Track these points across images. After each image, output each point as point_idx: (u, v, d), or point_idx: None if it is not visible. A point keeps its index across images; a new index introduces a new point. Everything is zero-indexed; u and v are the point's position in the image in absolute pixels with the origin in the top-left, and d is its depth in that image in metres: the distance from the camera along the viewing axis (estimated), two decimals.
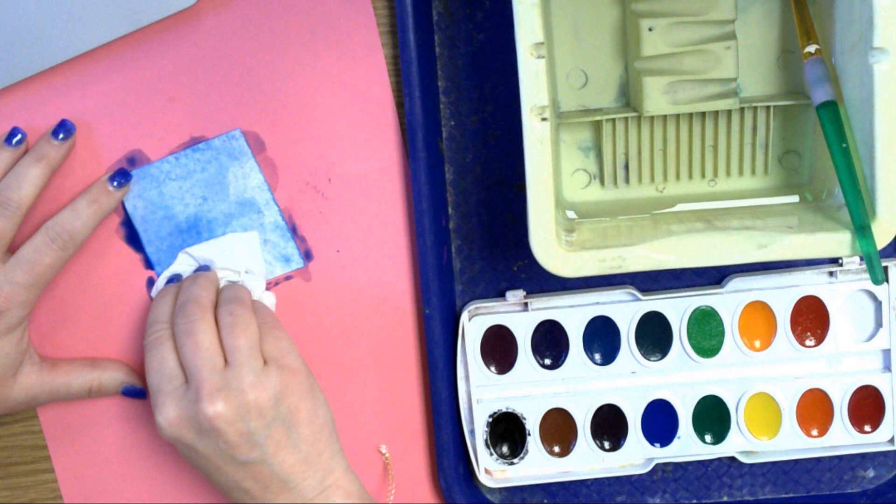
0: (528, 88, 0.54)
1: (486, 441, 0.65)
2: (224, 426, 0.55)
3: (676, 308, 0.65)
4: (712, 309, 0.65)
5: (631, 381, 0.66)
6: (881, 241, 0.55)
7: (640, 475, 0.67)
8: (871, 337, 0.65)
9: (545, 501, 0.67)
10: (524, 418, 0.65)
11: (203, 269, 0.62)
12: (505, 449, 0.66)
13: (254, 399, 0.56)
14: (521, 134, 0.54)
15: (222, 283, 0.62)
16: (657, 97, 0.60)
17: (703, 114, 0.62)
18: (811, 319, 0.65)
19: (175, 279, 0.63)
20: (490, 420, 0.65)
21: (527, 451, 0.66)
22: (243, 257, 0.63)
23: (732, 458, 0.67)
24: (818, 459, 0.67)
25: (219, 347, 0.57)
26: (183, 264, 0.63)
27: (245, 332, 0.57)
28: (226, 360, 0.57)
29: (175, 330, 0.58)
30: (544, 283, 0.65)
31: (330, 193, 0.63)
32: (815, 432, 0.66)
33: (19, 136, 0.60)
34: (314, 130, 0.63)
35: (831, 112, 0.56)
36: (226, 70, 0.62)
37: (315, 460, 0.58)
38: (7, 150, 0.60)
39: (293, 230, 0.63)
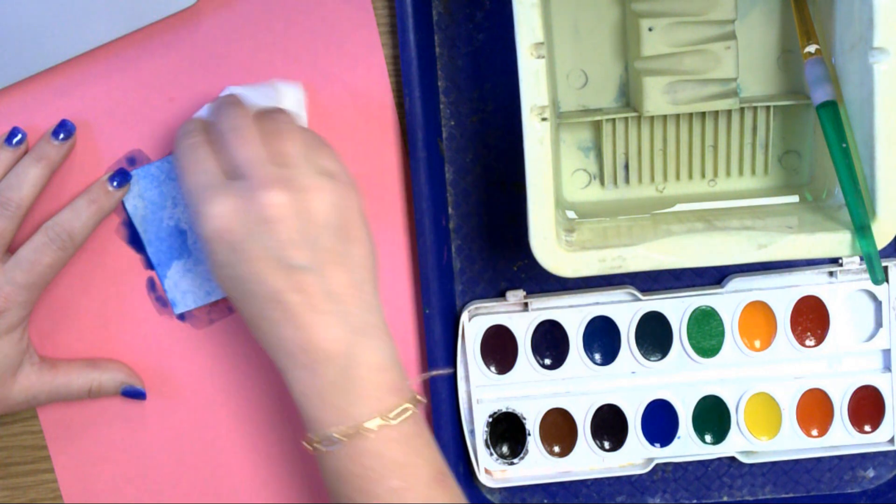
0: (528, 88, 0.54)
1: (486, 441, 0.66)
2: (281, 218, 0.50)
3: (676, 308, 0.65)
4: (712, 309, 0.65)
5: (631, 381, 0.66)
6: (881, 241, 0.55)
7: (640, 475, 0.67)
8: (871, 337, 0.65)
9: (545, 501, 0.67)
10: (524, 418, 0.65)
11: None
12: (505, 449, 0.66)
13: (311, 199, 0.51)
14: (521, 134, 0.54)
15: None
16: (657, 97, 0.60)
17: (703, 114, 0.62)
18: (811, 319, 0.65)
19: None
20: (490, 420, 0.65)
21: (527, 451, 0.66)
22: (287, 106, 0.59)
23: (732, 458, 0.67)
24: (818, 459, 0.67)
25: (265, 149, 0.52)
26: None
27: (294, 139, 0.53)
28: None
29: (217, 129, 0.53)
30: (544, 283, 0.65)
31: None
32: (815, 432, 0.66)
33: (19, 136, 0.60)
34: (314, 130, 0.63)
35: (831, 112, 0.56)
36: (226, 70, 0.62)
37: (365, 288, 0.53)
38: (7, 150, 0.60)
39: None
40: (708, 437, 0.66)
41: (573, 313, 0.65)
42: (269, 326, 0.52)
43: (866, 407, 0.66)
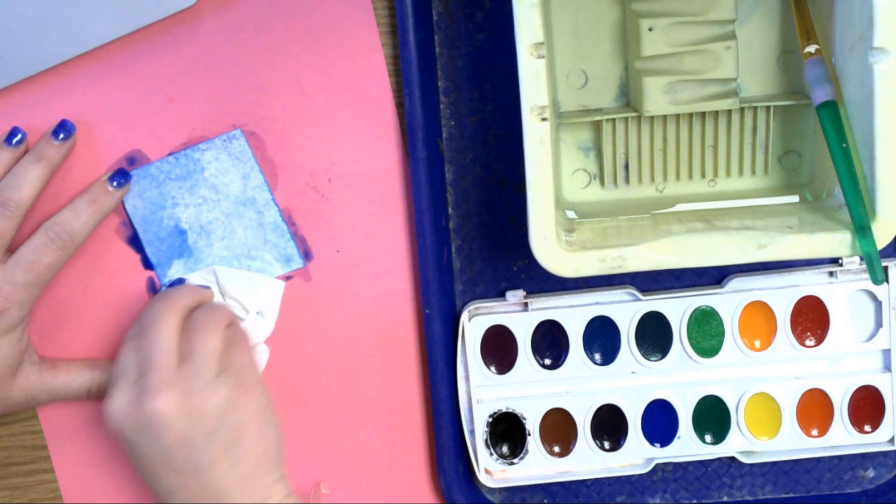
0: (528, 88, 0.54)
1: (486, 441, 0.65)
2: (163, 426, 0.54)
3: (676, 308, 0.65)
4: (712, 309, 0.65)
5: (631, 381, 0.66)
6: (881, 241, 0.55)
7: (640, 475, 0.67)
8: (871, 337, 0.65)
9: (545, 501, 0.67)
10: (524, 418, 0.65)
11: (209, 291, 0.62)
12: (505, 449, 0.66)
13: (199, 404, 0.54)
14: (521, 134, 0.54)
15: None
16: (657, 97, 0.60)
17: (703, 114, 0.62)
18: (811, 319, 0.65)
19: (179, 282, 0.63)
20: (490, 420, 0.65)
21: (527, 451, 0.66)
22: (262, 299, 0.63)
23: (732, 458, 0.67)
24: (818, 459, 0.67)
25: (177, 346, 0.56)
26: (199, 277, 0.63)
27: (205, 339, 0.56)
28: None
29: (141, 321, 0.57)
30: (544, 283, 0.65)
31: (330, 193, 0.63)
32: (815, 432, 0.66)
33: (19, 136, 0.60)
34: (314, 130, 0.63)
35: (831, 112, 0.56)
36: (226, 70, 0.62)
37: (256, 481, 0.56)
38: (7, 150, 0.60)
39: (293, 230, 0.63)
40: (708, 437, 0.66)
41: (573, 313, 0.65)
42: None
43: (866, 407, 0.66)
